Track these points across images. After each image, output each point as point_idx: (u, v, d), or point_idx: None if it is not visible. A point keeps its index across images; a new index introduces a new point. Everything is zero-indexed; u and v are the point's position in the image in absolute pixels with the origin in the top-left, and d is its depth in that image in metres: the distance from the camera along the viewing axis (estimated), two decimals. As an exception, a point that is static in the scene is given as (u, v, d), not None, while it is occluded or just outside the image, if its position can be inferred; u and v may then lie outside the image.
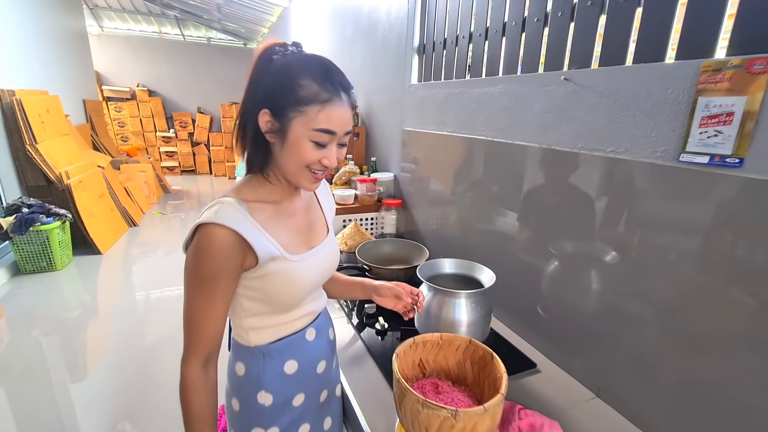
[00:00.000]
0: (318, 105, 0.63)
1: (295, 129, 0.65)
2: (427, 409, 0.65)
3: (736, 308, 0.69)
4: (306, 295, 0.77)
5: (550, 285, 1.10)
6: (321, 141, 0.66)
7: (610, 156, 0.90)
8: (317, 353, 0.82)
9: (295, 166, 0.68)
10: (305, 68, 0.65)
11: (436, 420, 0.65)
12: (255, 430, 0.77)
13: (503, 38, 1.26)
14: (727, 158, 0.68)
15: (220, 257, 0.63)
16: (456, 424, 0.64)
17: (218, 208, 0.64)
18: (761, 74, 0.63)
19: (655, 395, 0.84)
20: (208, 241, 0.63)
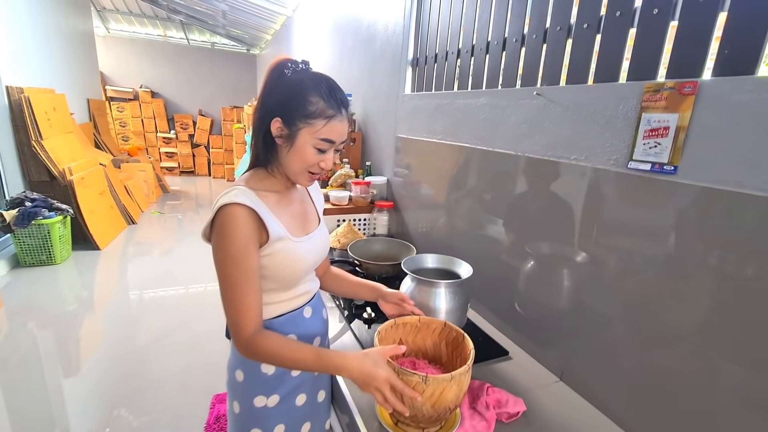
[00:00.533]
0: (324, 119, 0.76)
1: (303, 137, 0.77)
2: (401, 376, 0.75)
3: (685, 302, 0.79)
4: (305, 273, 0.88)
5: (527, 283, 1.21)
6: (323, 148, 0.78)
7: (573, 163, 1.02)
8: (313, 329, 0.92)
9: (298, 167, 0.80)
10: (314, 86, 0.76)
11: (409, 385, 0.75)
12: (258, 397, 0.85)
13: (487, 55, 1.38)
14: (665, 166, 0.80)
15: (246, 230, 0.73)
16: (426, 388, 0.74)
17: (235, 192, 0.75)
18: (690, 95, 0.75)
19: (612, 380, 0.94)
20: (233, 219, 0.72)
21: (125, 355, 2.33)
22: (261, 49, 7.77)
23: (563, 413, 0.94)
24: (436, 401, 0.75)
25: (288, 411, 0.89)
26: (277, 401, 0.87)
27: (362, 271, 1.52)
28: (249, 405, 0.86)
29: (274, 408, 0.86)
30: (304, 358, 0.76)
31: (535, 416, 0.92)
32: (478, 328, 1.29)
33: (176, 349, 2.40)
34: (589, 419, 0.93)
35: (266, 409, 0.86)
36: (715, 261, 0.73)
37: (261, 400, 0.86)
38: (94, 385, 2.06)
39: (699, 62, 0.77)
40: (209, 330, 2.63)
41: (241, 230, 0.73)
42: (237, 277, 0.73)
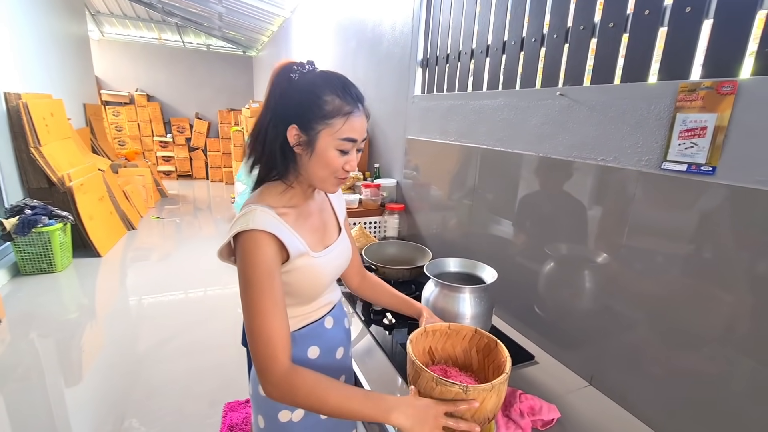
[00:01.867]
0: (342, 117, 0.72)
1: (323, 140, 0.72)
2: (440, 386, 0.72)
3: (716, 305, 0.78)
4: (326, 287, 0.85)
5: (547, 285, 1.19)
6: (345, 149, 0.74)
7: (601, 164, 1.00)
8: (336, 340, 0.90)
9: (323, 174, 0.75)
10: (327, 85, 0.72)
11: (449, 395, 0.72)
12: (282, 412, 0.83)
13: (503, 55, 1.37)
14: (702, 167, 0.78)
15: (268, 256, 0.69)
16: (467, 399, 0.71)
17: (252, 215, 0.70)
18: (729, 95, 0.74)
19: (642, 383, 0.92)
20: (254, 245, 0.69)
21: (129, 362, 2.30)
22: (257, 51, 7.72)
23: (597, 419, 0.92)
24: (476, 412, 0.73)
25: (313, 425, 0.86)
26: (302, 416, 0.84)
27: (379, 275, 1.50)
28: (274, 420, 0.83)
29: (299, 423, 0.84)
30: (350, 398, 0.68)
31: (570, 423, 0.90)
32: (501, 332, 1.27)
33: (180, 355, 2.38)
34: (625, 424, 0.91)
35: (291, 424, 0.83)
36: (754, 264, 0.71)
37: (286, 415, 0.83)
38: (100, 394, 2.02)
39: (737, 61, 0.76)
40: (212, 334, 2.60)
41: (263, 255, 0.69)
42: (265, 306, 0.68)
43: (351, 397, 0.69)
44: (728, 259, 0.76)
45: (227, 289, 3.32)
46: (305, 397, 0.67)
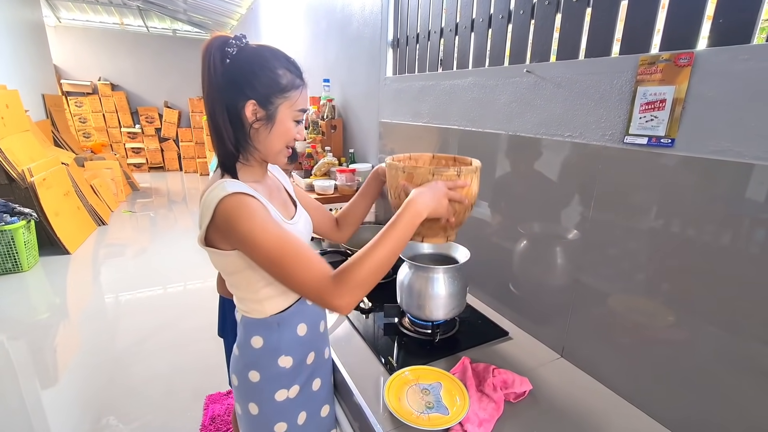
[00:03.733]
0: (297, 90, 0.76)
1: (282, 113, 0.75)
2: (437, 175, 0.81)
3: (678, 274, 0.81)
4: None
5: (520, 263, 1.21)
6: (299, 119, 0.78)
7: (567, 140, 1.01)
8: (318, 315, 0.92)
9: (279, 146, 0.78)
10: (275, 59, 0.74)
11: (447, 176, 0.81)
12: (279, 392, 0.83)
13: (472, 33, 1.35)
14: (662, 139, 0.80)
15: (258, 207, 0.68)
16: (460, 179, 0.82)
17: (224, 184, 0.69)
18: (685, 67, 0.75)
19: (611, 353, 0.95)
20: (237, 204, 0.67)
21: (106, 360, 2.25)
22: (227, 35, 7.44)
23: (568, 389, 0.95)
24: (466, 193, 0.83)
25: (308, 398, 0.89)
26: (298, 391, 0.86)
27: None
28: (270, 402, 0.84)
29: (295, 398, 0.86)
30: (389, 237, 0.70)
31: (541, 394, 0.93)
32: (476, 310, 1.29)
33: (159, 352, 2.33)
34: (594, 393, 0.95)
35: (288, 401, 0.85)
36: (714, 234, 0.74)
37: (282, 394, 0.84)
38: (75, 394, 1.97)
39: (693, 33, 0.77)
40: (192, 329, 2.56)
41: (252, 209, 0.67)
42: (281, 243, 0.67)
43: (387, 236, 0.71)
44: (689, 230, 0.78)
45: (207, 282, 3.26)
46: (367, 275, 0.67)
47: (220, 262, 0.76)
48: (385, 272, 0.70)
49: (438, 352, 1.07)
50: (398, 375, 0.94)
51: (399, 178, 0.84)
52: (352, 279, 0.67)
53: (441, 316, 1.10)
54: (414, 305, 1.12)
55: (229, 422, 1.74)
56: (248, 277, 0.77)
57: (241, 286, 0.80)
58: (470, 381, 0.93)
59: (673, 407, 0.83)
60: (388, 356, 1.05)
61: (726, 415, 0.74)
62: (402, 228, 0.72)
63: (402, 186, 0.83)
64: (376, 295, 1.33)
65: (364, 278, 0.67)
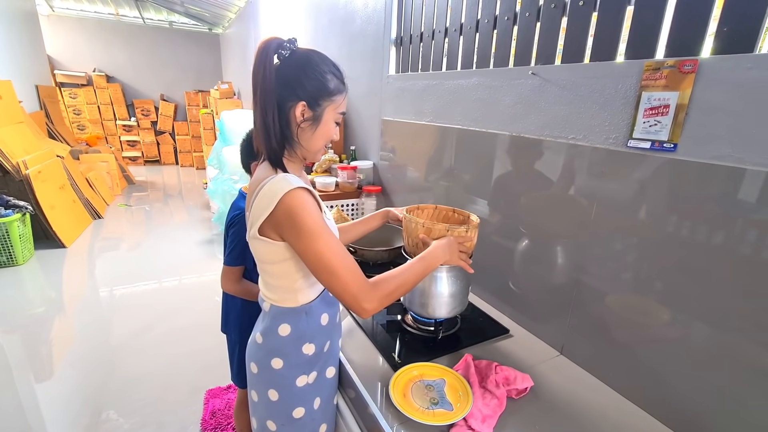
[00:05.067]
0: (341, 94, 0.82)
1: (328, 114, 0.81)
2: (451, 231, 0.99)
3: (673, 275, 0.83)
4: None
5: (521, 262, 1.23)
6: (339, 120, 0.85)
7: (571, 142, 1.03)
8: (336, 306, 0.96)
9: (320, 145, 0.85)
10: (324, 63, 0.79)
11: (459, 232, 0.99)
12: (300, 377, 0.88)
13: (477, 34, 1.36)
14: (665, 143, 0.82)
15: (316, 207, 0.76)
16: (467, 235, 1.00)
17: (286, 178, 0.74)
18: (690, 73, 0.76)
19: (609, 351, 0.98)
20: (302, 200, 0.73)
21: (102, 355, 2.24)
22: (224, 28, 7.37)
23: (568, 386, 0.97)
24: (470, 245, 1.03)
25: (323, 384, 0.93)
26: (315, 377, 0.91)
27: (357, 257, 1.50)
28: (291, 387, 0.88)
29: (313, 384, 0.90)
30: (413, 268, 0.85)
31: (542, 390, 0.95)
32: (478, 309, 1.31)
33: (156, 346, 2.33)
34: (593, 389, 0.97)
35: (307, 387, 0.89)
36: (711, 236, 0.76)
37: (303, 380, 0.88)
38: (73, 388, 1.97)
39: (698, 40, 0.79)
40: (189, 323, 2.56)
41: (313, 207, 0.74)
42: (333, 247, 0.74)
43: (414, 268, 0.85)
44: (685, 232, 0.80)
45: (203, 276, 3.26)
46: (394, 290, 0.80)
47: (265, 250, 0.80)
48: (404, 294, 0.84)
49: (441, 349, 1.09)
50: (403, 371, 0.96)
51: (419, 231, 1.03)
52: (384, 289, 0.78)
53: (444, 314, 1.12)
54: (417, 303, 1.13)
55: (229, 416, 1.76)
56: (289, 267, 0.82)
57: (280, 276, 0.83)
58: (473, 378, 0.95)
59: (668, 402, 0.86)
60: (390, 353, 1.07)
61: (719, 409, 0.77)
62: (425, 266, 0.87)
63: (422, 238, 1.01)
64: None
65: (392, 291, 0.80)
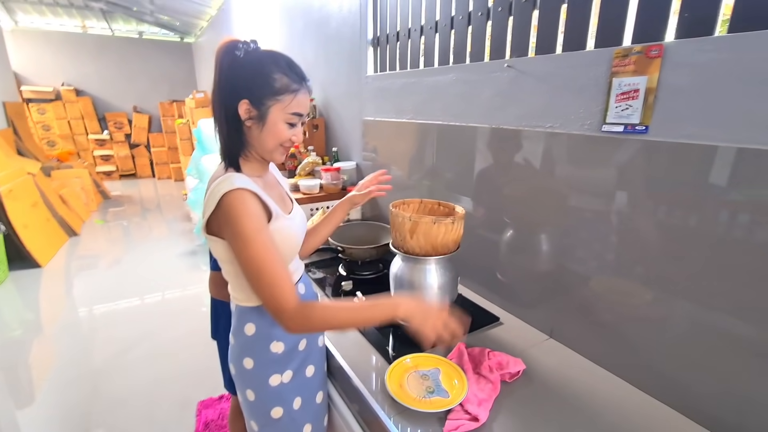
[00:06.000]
0: (291, 94, 0.79)
1: (273, 114, 0.79)
2: (438, 224, 1.02)
3: (656, 254, 0.86)
4: (298, 248, 0.92)
5: (506, 252, 1.26)
6: (293, 122, 0.81)
7: (548, 131, 1.06)
8: None
9: (272, 145, 0.82)
10: (274, 63, 0.78)
11: (444, 228, 1.03)
12: (273, 377, 0.87)
13: (452, 31, 1.39)
14: (637, 126, 0.85)
15: (256, 211, 0.75)
16: (454, 226, 1.04)
17: (232, 178, 0.74)
18: (656, 58, 0.80)
19: (595, 331, 1.01)
20: (240, 201, 0.73)
21: (86, 376, 2.16)
22: (196, 36, 7.27)
23: (559, 367, 1.00)
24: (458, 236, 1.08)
25: (302, 383, 0.92)
26: (291, 376, 0.89)
27: (345, 256, 1.51)
28: (265, 387, 0.87)
29: (289, 383, 0.89)
30: (359, 309, 0.78)
31: (534, 373, 0.97)
32: (468, 299, 1.33)
33: (142, 363, 2.27)
34: (582, 368, 1.00)
35: (283, 386, 0.88)
36: (686, 213, 0.80)
37: (276, 379, 0.87)
38: (58, 412, 1.89)
39: (662, 26, 0.83)
40: (175, 338, 2.50)
41: (253, 210, 0.74)
42: (264, 254, 0.73)
43: (359, 308, 0.78)
44: (661, 212, 0.84)
45: (188, 289, 3.19)
46: (321, 321, 0.76)
47: (218, 249, 0.81)
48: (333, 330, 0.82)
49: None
50: (398, 363, 0.96)
51: (406, 225, 1.04)
52: (311, 316, 0.74)
53: (435, 306, 1.13)
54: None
55: (223, 426, 1.73)
56: None
57: (237, 274, 0.82)
58: (467, 365, 0.97)
59: (652, 376, 0.89)
60: (384, 347, 1.08)
61: (700, 378, 0.81)
62: (375, 316, 0.77)
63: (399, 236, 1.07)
64: (369, 288, 1.36)
65: (318, 323, 0.77)
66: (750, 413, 0.75)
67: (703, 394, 0.81)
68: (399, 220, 1.08)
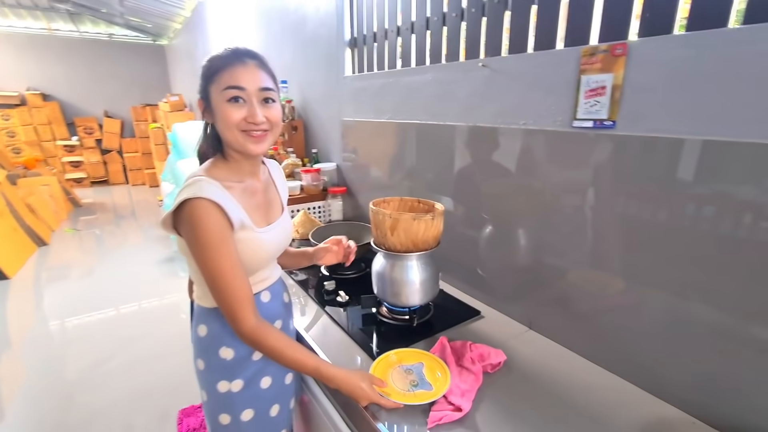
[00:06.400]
0: (222, 71, 0.76)
1: (214, 98, 0.77)
2: (418, 220, 1.03)
3: (626, 246, 0.90)
4: (267, 262, 0.90)
5: (485, 247, 1.29)
6: (233, 96, 0.75)
7: (522, 128, 1.09)
8: (272, 313, 0.93)
9: (230, 132, 0.78)
10: (219, 53, 0.79)
11: (424, 224, 1.04)
12: (221, 383, 0.86)
13: (428, 31, 1.41)
14: (605, 121, 0.89)
15: (217, 222, 0.73)
16: (434, 222, 1.05)
17: (199, 185, 0.73)
18: (621, 56, 0.84)
19: (572, 321, 1.04)
20: (202, 211, 0.72)
21: (59, 390, 2.08)
22: (170, 39, 7.11)
23: (539, 357, 1.03)
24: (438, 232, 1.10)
25: (254, 395, 0.90)
26: (241, 386, 0.87)
27: (327, 257, 1.50)
28: (214, 391, 0.87)
29: (239, 393, 0.87)
30: (306, 362, 0.80)
31: (515, 363, 1.00)
32: (449, 295, 1.35)
33: (119, 375, 2.20)
34: (561, 357, 1.03)
35: (231, 394, 0.87)
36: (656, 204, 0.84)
37: (224, 386, 0.86)
38: (31, 428, 1.82)
39: (625, 25, 0.87)
40: (153, 346, 2.44)
41: (214, 221, 0.73)
42: (223, 265, 0.73)
43: (308, 357, 0.81)
44: (631, 204, 0.87)
45: (165, 297, 3.11)
46: (269, 350, 0.78)
47: (180, 245, 0.80)
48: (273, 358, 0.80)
49: (417, 336, 1.11)
50: (382, 359, 0.97)
51: (386, 222, 1.06)
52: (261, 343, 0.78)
53: (417, 302, 1.15)
54: (390, 293, 1.15)
55: (205, 434, 1.69)
56: None
57: (195, 270, 0.81)
58: (450, 358, 0.98)
59: (627, 361, 0.93)
60: (368, 344, 1.08)
61: (670, 362, 0.85)
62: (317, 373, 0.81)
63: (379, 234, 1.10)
64: (352, 288, 1.36)
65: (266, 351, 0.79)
66: (716, 391, 0.79)
67: (673, 376, 0.85)
68: (380, 217, 1.09)
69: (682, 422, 0.81)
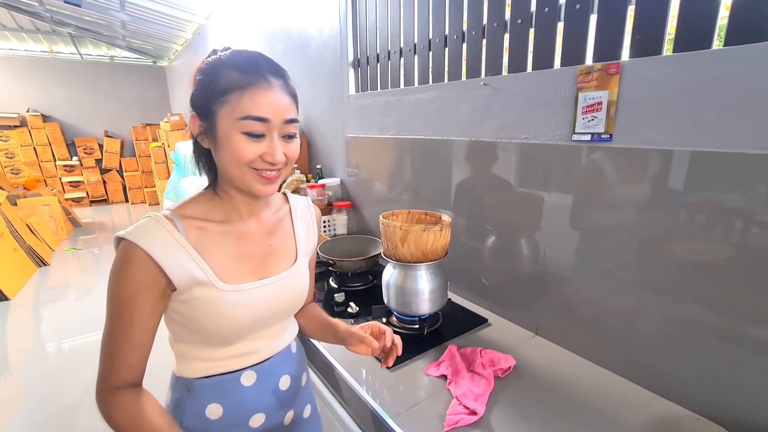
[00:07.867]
0: (238, 91, 0.58)
1: (222, 122, 0.59)
2: (427, 231, 1.08)
3: (626, 252, 0.94)
4: (242, 331, 0.68)
5: (489, 258, 1.33)
6: (253, 131, 0.59)
7: (523, 142, 1.15)
8: (253, 403, 0.71)
9: (235, 167, 0.61)
10: (228, 61, 0.61)
11: (433, 235, 1.09)
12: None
13: (430, 52, 1.49)
14: (602, 135, 0.95)
15: (135, 277, 0.58)
16: (442, 233, 1.10)
17: (138, 224, 0.60)
18: (615, 75, 0.91)
19: (577, 326, 1.08)
20: (124, 259, 0.58)
21: (57, 412, 2.06)
22: (170, 60, 7.25)
23: (547, 361, 1.06)
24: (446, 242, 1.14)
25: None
26: None
27: (336, 269, 1.54)
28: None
29: None
30: None
31: (524, 368, 1.03)
32: (456, 304, 1.39)
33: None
34: (569, 362, 1.07)
35: None
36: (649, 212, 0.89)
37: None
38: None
39: (618, 47, 0.94)
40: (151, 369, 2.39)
41: (131, 277, 0.58)
42: (115, 327, 0.60)
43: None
44: (633, 210, 0.93)
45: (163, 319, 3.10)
46: (116, 425, 0.60)
47: None
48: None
49: (427, 344, 1.15)
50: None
51: (397, 234, 1.11)
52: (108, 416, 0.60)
53: (426, 310, 1.18)
54: (400, 302, 1.19)
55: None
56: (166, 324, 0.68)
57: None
58: (460, 364, 1.01)
59: (631, 363, 0.97)
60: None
61: (671, 362, 0.89)
62: None
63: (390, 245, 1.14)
64: (361, 299, 1.39)
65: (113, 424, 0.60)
66: (716, 389, 0.82)
67: (676, 376, 0.89)
68: (390, 229, 1.13)
69: (687, 419, 0.85)
